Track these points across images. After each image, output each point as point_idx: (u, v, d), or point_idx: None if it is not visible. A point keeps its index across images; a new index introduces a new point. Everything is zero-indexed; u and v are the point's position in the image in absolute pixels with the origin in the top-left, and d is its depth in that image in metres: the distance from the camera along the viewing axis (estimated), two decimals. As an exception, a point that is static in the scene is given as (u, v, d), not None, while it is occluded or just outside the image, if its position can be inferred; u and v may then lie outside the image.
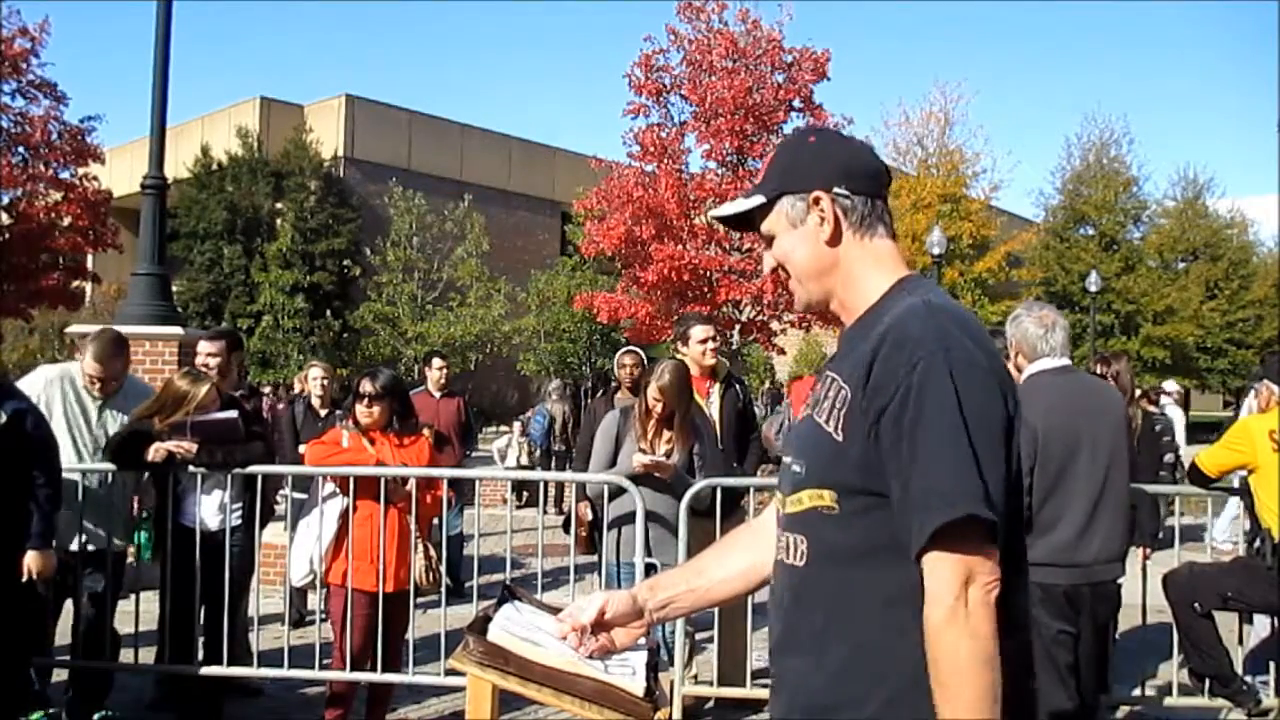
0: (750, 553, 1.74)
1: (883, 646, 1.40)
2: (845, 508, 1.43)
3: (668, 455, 4.51)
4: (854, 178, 1.56)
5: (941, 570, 1.33)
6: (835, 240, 1.55)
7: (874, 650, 1.40)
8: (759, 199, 1.60)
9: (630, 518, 4.47)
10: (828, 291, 1.58)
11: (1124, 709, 4.89)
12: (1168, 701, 4.63)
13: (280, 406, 7.43)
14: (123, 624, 5.03)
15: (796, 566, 1.50)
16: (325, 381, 6.96)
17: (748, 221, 1.65)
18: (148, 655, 4.70)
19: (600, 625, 1.65)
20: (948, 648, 1.31)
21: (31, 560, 3.95)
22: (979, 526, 1.32)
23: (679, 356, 5.16)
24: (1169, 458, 9.88)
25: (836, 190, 1.54)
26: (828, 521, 1.45)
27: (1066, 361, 3.71)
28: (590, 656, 1.63)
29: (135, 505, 4.82)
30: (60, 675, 4.75)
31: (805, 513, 1.48)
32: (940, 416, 1.34)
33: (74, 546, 4.49)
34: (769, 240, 1.62)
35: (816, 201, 1.54)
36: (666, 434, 4.57)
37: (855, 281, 1.56)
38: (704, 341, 5.11)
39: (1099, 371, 5.19)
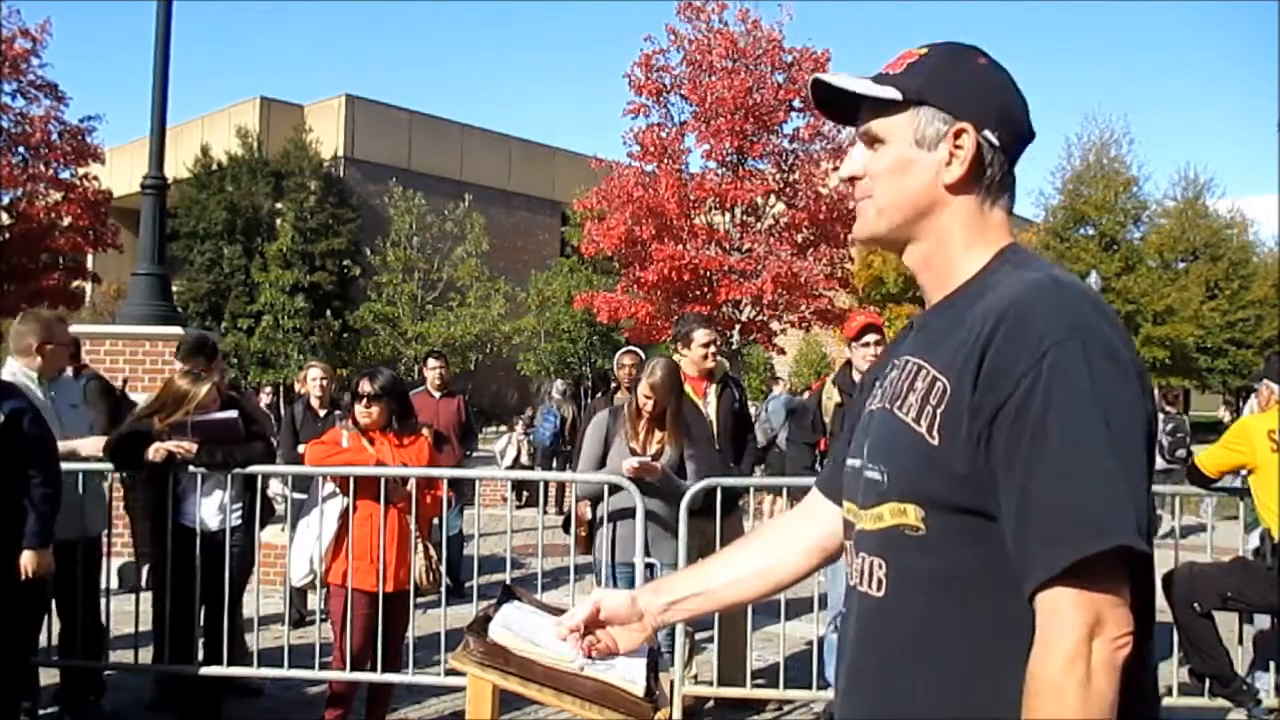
0: (762, 556, 1.57)
1: (968, 699, 1.16)
2: (934, 527, 1.19)
3: (658, 455, 4.50)
4: (1010, 130, 1.29)
5: (1065, 612, 1.07)
6: (958, 188, 1.27)
7: (958, 702, 1.17)
8: (893, 92, 1.28)
9: (619, 515, 4.47)
10: (908, 237, 1.32)
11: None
12: (1168, 701, 4.63)
13: (267, 402, 7.46)
14: (122, 624, 5.03)
15: (872, 595, 1.27)
16: (324, 382, 6.96)
17: (847, 107, 1.34)
18: (148, 655, 4.70)
19: (595, 624, 1.61)
20: (1057, 708, 1.06)
21: (28, 560, 3.92)
22: (1115, 563, 1.06)
23: (679, 356, 5.17)
24: (1181, 453, 9.98)
25: (986, 133, 1.26)
26: (911, 544, 1.21)
27: None
28: (589, 657, 1.63)
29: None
30: (49, 675, 4.74)
31: (886, 531, 1.24)
32: (1078, 418, 1.08)
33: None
34: (870, 140, 1.32)
35: (959, 134, 1.26)
36: (658, 433, 4.57)
37: (952, 243, 1.29)
38: (706, 345, 5.10)
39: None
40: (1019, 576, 1.10)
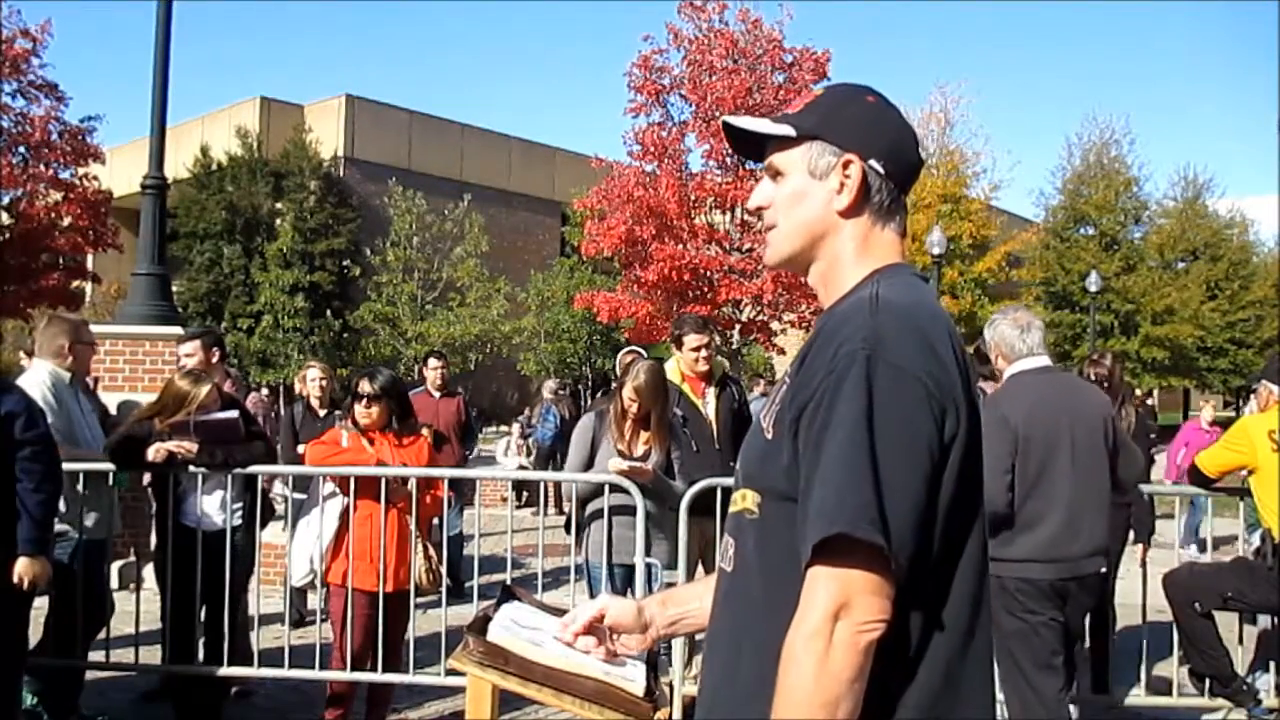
0: None
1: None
2: (766, 513, 1.32)
3: (645, 456, 4.51)
4: (895, 160, 1.41)
5: (815, 588, 1.19)
6: (848, 213, 1.40)
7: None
8: (788, 129, 1.41)
9: (612, 516, 4.48)
10: (807, 260, 1.44)
11: (1124, 709, 4.89)
12: (1168, 701, 4.64)
13: (265, 401, 7.49)
14: (123, 624, 5.03)
15: (725, 571, 1.41)
16: (323, 382, 6.95)
17: (755, 144, 1.47)
18: (148, 655, 4.70)
19: (598, 630, 1.62)
20: (794, 675, 1.18)
21: (22, 567, 3.81)
22: (868, 553, 1.17)
23: (676, 357, 5.17)
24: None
25: (873, 163, 1.39)
26: (750, 527, 1.35)
27: (1046, 361, 3.81)
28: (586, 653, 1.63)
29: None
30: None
31: (736, 515, 1.39)
32: (845, 426, 1.20)
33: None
34: (774, 174, 1.45)
35: (847, 164, 1.38)
36: (643, 435, 4.57)
37: (843, 263, 1.41)
38: (697, 350, 5.07)
39: (1091, 373, 5.21)
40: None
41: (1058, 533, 3.55)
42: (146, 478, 5.04)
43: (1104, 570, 3.79)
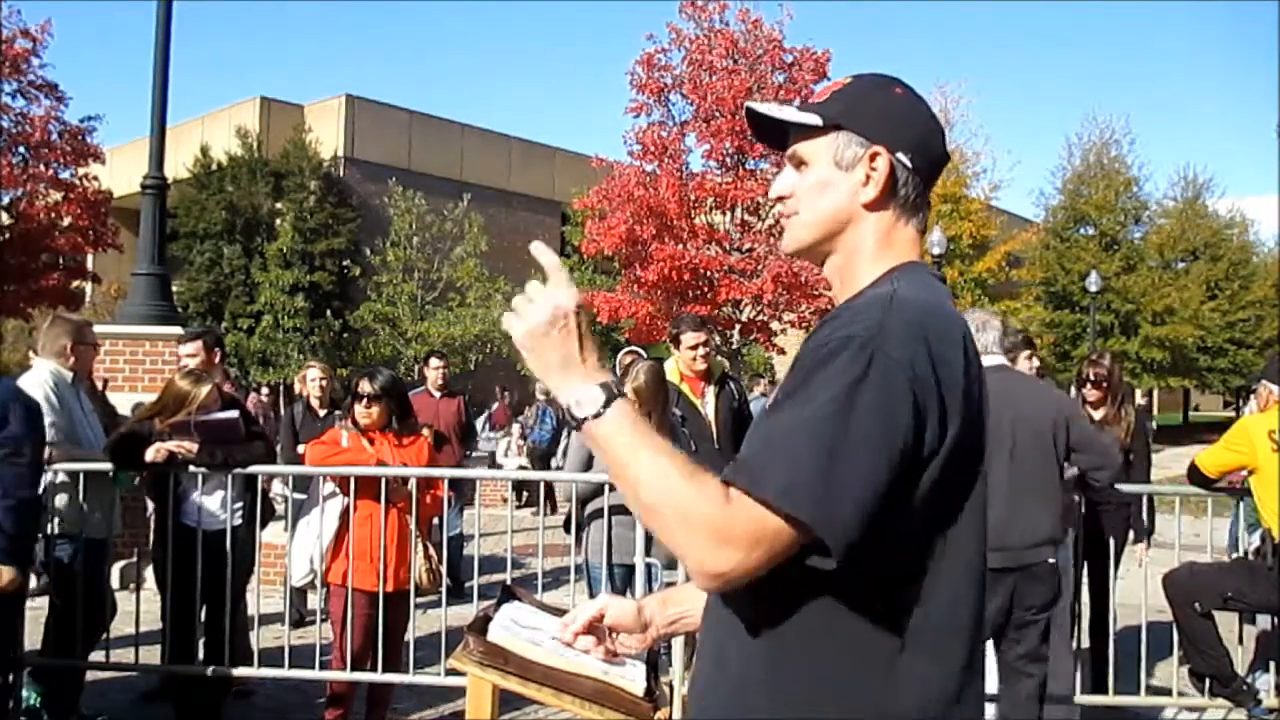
0: None
1: (778, 662, 1.25)
2: None
3: None
4: (922, 154, 1.38)
5: (746, 516, 1.14)
6: (873, 206, 1.37)
7: (769, 666, 1.26)
8: (814, 118, 1.38)
9: (612, 515, 4.48)
10: (825, 251, 1.41)
11: (1124, 709, 4.89)
12: (1168, 701, 4.64)
13: (265, 402, 7.49)
14: (123, 624, 5.03)
15: None
16: (323, 382, 6.96)
17: (778, 132, 1.44)
18: (148, 655, 4.70)
19: (598, 630, 1.62)
20: (665, 480, 1.18)
21: None
22: (803, 532, 1.14)
23: (674, 357, 5.18)
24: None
25: (900, 155, 1.36)
26: None
27: (1001, 360, 4.01)
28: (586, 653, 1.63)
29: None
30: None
31: None
32: (818, 400, 1.17)
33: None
34: (797, 162, 1.41)
35: (874, 157, 1.35)
36: None
37: (861, 258, 1.38)
38: (694, 348, 5.08)
39: (1090, 373, 5.21)
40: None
41: (997, 523, 3.64)
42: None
43: (1052, 561, 3.91)
